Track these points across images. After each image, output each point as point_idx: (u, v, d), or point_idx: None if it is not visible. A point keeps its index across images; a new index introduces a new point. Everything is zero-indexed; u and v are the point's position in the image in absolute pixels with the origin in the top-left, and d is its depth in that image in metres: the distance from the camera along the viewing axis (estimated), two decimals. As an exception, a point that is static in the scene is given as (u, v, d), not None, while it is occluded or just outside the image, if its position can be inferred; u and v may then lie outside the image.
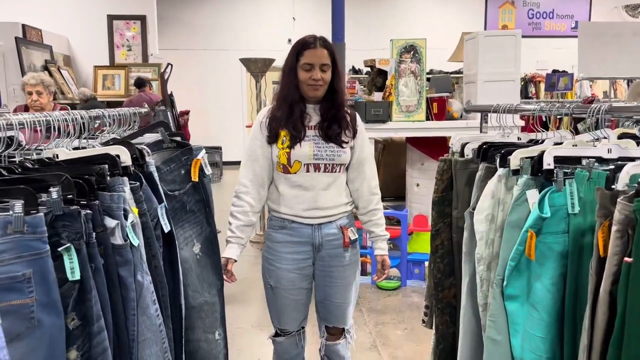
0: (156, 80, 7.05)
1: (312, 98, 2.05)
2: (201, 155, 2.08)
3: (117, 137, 1.90)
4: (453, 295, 2.00)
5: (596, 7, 11.73)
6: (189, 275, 1.85)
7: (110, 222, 1.26)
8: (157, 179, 1.64)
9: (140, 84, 6.54)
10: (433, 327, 2.14)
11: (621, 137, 1.70)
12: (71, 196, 1.12)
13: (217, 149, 10.15)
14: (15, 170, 1.31)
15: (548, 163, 1.38)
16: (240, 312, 3.66)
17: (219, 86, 11.01)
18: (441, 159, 2.01)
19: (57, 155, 1.43)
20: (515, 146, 1.73)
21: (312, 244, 2.08)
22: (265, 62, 5.28)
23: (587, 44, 5.08)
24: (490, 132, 2.29)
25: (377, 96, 4.32)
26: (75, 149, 1.62)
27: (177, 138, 2.12)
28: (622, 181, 1.19)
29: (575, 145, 1.49)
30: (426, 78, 4.43)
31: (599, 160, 1.41)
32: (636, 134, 1.77)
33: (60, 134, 1.55)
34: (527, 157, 1.49)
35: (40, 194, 1.11)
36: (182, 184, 1.86)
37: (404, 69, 4.27)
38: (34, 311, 1.04)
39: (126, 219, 1.30)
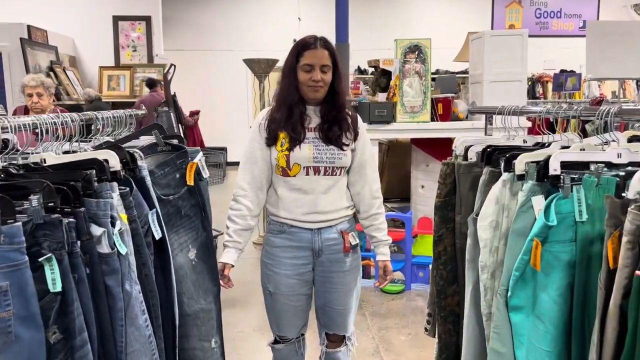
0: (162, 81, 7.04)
1: (312, 99, 2.01)
2: (197, 158, 2.03)
3: (111, 140, 1.86)
4: (456, 303, 1.94)
5: (604, 6, 11.60)
6: (184, 282, 1.80)
7: (96, 230, 1.22)
8: (150, 183, 1.60)
9: (151, 84, 6.55)
10: (436, 335, 2.08)
11: (631, 140, 1.63)
12: (53, 204, 1.07)
13: (222, 149, 10.11)
14: (-1, 176, 1.27)
15: (554, 168, 1.31)
16: (241, 316, 3.61)
17: (224, 86, 10.98)
18: (444, 162, 1.95)
19: (44, 160, 1.38)
20: (520, 149, 1.67)
21: (312, 249, 2.04)
22: (269, 63, 5.23)
23: (595, 44, 4.98)
24: (496, 134, 2.23)
25: (381, 97, 4.26)
26: (66, 152, 1.58)
27: (173, 141, 2.08)
28: (633, 189, 1.12)
29: (583, 149, 1.43)
30: (431, 78, 4.37)
31: (608, 165, 1.34)
32: None
33: (51, 137, 1.51)
34: (532, 162, 1.42)
35: (21, 202, 1.06)
36: (177, 188, 1.82)
37: (409, 69, 4.21)
38: (11, 325, 0.99)
39: (113, 226, 1.26)
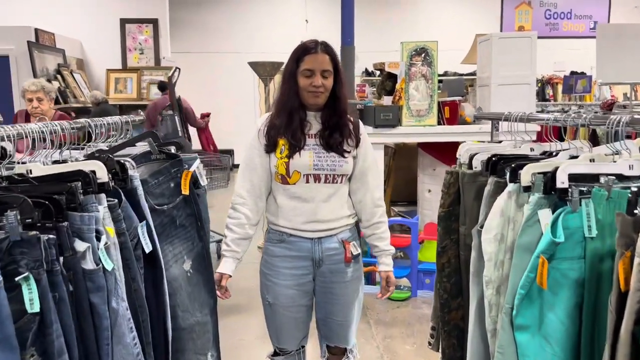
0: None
1: (312, 105, 1.97)
2: (195, 165, 1.98)
3: (105, 147, 1.81)
4: (461, 317, 1.87)
5: (616, 7, 11.44)
6: (179, 295, 1.75)
7: (80, 245, 1.16)
8: (142, 193, 1.54)
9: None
10: (439, 350, 2.01)
11: (644, 149, 1.56)
12: (30, 220, 1.02)
13: (229, 152, 10.07)
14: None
15: (562, 181, 1.24)
16: (242, 323, 3.55)
17: (231, 89, 10.94)
18: (447, 171, 1.88)
19: (30, 171, 1.33)
20: (527, 159, 1.60)
21: (312, 259, 1.99)
22: (274, 66, 5.18)
23: (605, 47, 4.87)
24: (502, 138, 2.15)
25: (387, 100, 4.19)
26: (56, 162, 1.53)
27: (171, 148, 2.03)
28: (646, 205, 1.05)
29: (593, 160, 1.35)
30: (438, 81, 4.29)
31: (619, 177, 1.27)
32: None
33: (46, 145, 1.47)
34: (539, 173, 1.35)
35: (-1, 217, 1.01)
36: (171, 198, 1.77)
37: (415, 72, 4.13)
38: (-17, 349, 0.94)
39: (99, 240, 1.20)
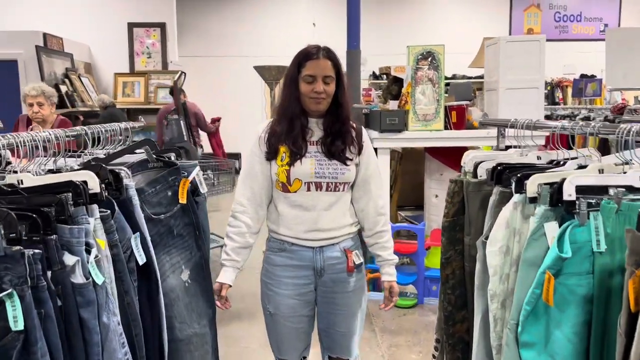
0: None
1: (314, 112, 1.93)
2: (194, 173, 1.94)
3: (102, 155, 1.78)
4: (465, 330, 1.82)
5: (626, 9, 11.31)
6: (176, 306, 1.72)
7: (69, 259, 1.13)
8: (137, 203, 1.51)
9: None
10: (444, 363, 1.96)
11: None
12: (14, 235, 0.99)
13: (236, 155, 10.05)
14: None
15: (569, 194, 1.19)
16: (247, 330, 3.51)
17: (239, 92, 10.92)
18: (451, 179, 1.84)
19: (21, 181, 1.30)
20: (533, 168, 1.54)
21: (314, 268, 1.96)
22: (279, 70, 5.14)
23: (615, 52, 4.77)
24: (509, 143, 2.10)
25: (393, 105, 4.15)
26: (50, 171, 1.50)
27: (171, 154, 2.00)
28: (658, 220, 1.00)
29: (602, 170, 1.30)
30: (445, 84, 4.23)
31: (630, 189, 1.22)
32: None
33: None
34: (546, 184, 1.30)
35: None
36: (168, 207, 1.73)
37: (421, 76, 4.08)
38: (-36, 369, 0.90)
39: (89, 253, 1.17)
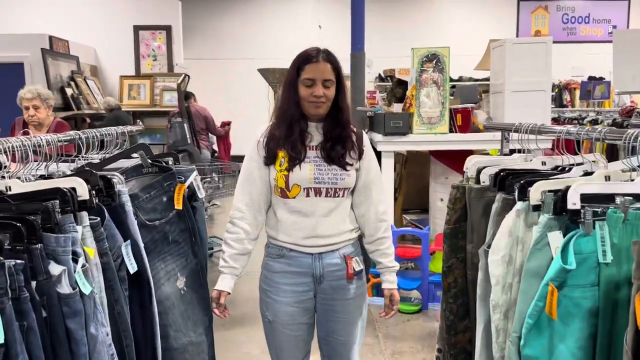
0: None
1: (314, 116, 1.89)
2: (191, 178, 1.91)
3: (96, 160, 1.75)
4: (468, 340, 1.77)
5: (635, 10, 11.21)
6: (171, 314, 1.68)
7: (55, 269, 1.10)
8: (130, 209, 1.47)
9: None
10: (446, 373, 1.91)
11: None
12: (-3, 244, 0.95)
13: (241, 158, 10.03)
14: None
15: (573, 202, 1.14)
16: (249, 336, 3.46)
17: (244, 95, 10.92)
18: (453, 185, 1.79)
19: (9, 188, 1.27)
20: (537, 174, 1.50)
21: (313, 275, 1.91)
22: (283, 72, 5.11)
23: (622, 54, 4.70)
24: (513, 147, 2.05)
25: (397, 107, 4.10)
26: (42, 176, 1.47)
27: (168, 159, 1.96)
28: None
29: (608, 177, 1.25)
30: (451, 86, 4.18)
31: (637, 197, 1.17)
32: None
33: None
34: (550, 191, 1.25)
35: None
36: (163, 213, 1.70)
37: (426, 78, 4.03)
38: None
39: (76, 262, 1.14)
